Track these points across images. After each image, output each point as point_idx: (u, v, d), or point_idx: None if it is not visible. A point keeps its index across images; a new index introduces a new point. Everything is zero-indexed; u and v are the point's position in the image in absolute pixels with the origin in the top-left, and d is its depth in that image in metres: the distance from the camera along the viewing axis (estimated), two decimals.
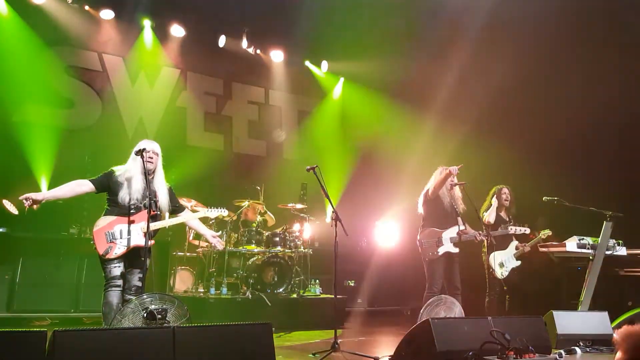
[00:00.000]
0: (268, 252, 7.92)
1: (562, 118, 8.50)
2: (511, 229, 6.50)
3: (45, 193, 4.91)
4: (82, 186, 4.90)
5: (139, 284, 4.83)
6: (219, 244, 5.47)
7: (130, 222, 4.81)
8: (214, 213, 5.35)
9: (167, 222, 5.28)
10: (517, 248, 6.86)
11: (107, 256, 4.68)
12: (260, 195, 8.65)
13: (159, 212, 5.02)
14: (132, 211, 4.85)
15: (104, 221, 4.82)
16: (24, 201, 4.58)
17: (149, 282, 4.62)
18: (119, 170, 4.96)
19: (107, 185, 4.92)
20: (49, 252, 7.41)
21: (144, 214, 4.84)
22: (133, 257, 4.85)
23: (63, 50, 8.98)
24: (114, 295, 4.69)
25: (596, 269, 6.52)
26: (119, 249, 4.74)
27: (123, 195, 4.84)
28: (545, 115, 8.88)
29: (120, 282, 4.73)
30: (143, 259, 4.65)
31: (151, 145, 5.02)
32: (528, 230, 6.63)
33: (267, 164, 10.77)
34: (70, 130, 8.66)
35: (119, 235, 4.76)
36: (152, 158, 4.96)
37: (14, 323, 6.78)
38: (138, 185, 4.88)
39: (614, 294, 7.61)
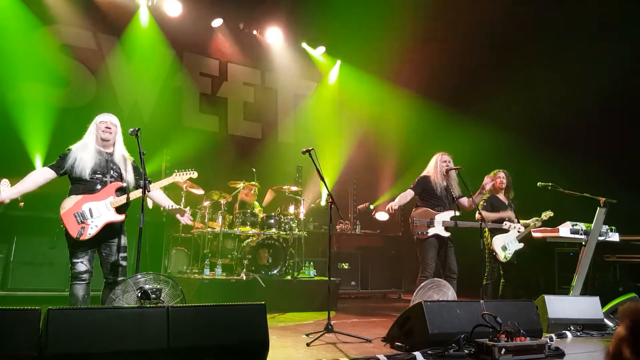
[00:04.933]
0: (263, 233, 7.94)
1: (557, 104, 8.51)
2: (506, 224, 6.50)
3: (9, 192, 4.51)
4: (44, 174, 4.66)
5: (124, 263, 4.75)
6: (187, 220, 5.17)
7: (96, 199, 4.64)
8: (183, 176, 5.08)
9: (134, 194, 4.81)
10: (519, 230, 6.87)
11: (82, 237, 4.52)
12: (255, 177, 8.65)
13: (126, 185, 4.81)
14: (97, 187, 4.68)
15: (70, 202, 4.60)
16: None
17: (143, 262, 4.56)
18: (75, 147, 4.75)
19: (67, 164, 4.67)
20: (43, 231, 7.37)
21: (110, 188, 4.71)
22: (107, 233, 4.69)
23: (58, 29, 8.90)
24: (80, 289, 4.57)
25: (588, 254, 6.57)
26: (92, 229, 4.57)
27: (82, 170, 4.62)
28: (540, 100, 8.89)
29: (86, 276, 4.59)
30: (138, 241, 4.58)
31: (109, 117, 4.83)
32: (522, 228, 6.64)
33: (263, 146, 10.77)
34: (65, 109, 8.61)
35: (88, 214, 4.58)
36: (109, 128, 4.77)
37: (7, 301, 6.79)
38: (94, 157, 4.69)
39: (605, 279, 7.71)
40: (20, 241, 7.18)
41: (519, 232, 6.82)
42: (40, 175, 4.69)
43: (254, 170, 8.65)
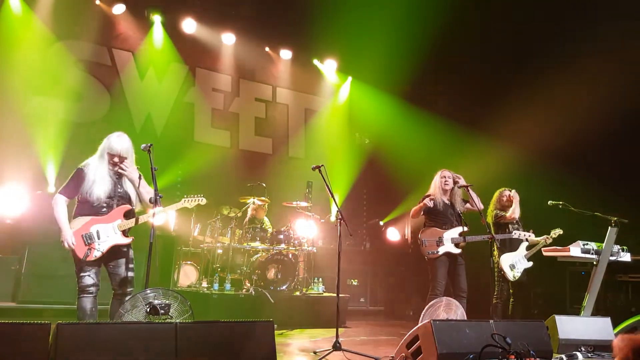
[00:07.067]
0: (272, 249, 7.95)
1: (567, 122, 8.47)
2: (515, 233, 6.49)
3: (69, 237, 4.62)
4: (66, 203, 4.73)
5: (131, 274, 4.77)
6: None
7: (104, 221, 4.70)
8: (191, 202, 5.09)
9: (146, 217, 4.85)
10: (527, 249, 6.84)
11: (88, 259, 4.57)
12: (265, 192, 8.67)
13: (134, 207, 4.86)
14: (103, 209, 4.72)
15: (78, 223, 4.66)
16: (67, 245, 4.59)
17: (153, 277, 4.58)
18: (86, 167, 4.75)
19: (80, 189, 4.70)
20: (55, 243, 7.38)
21: (118, 211, 4.75)
22: (113, 253, 4.74)
23: (73, 44, 9.03)
24: (87, 302, 4.60)
25: (600, 274, 6.49)
26: (98, 252, 4.62)
27: (96, 197, 4.67)
28: (550, 118, 8.85)
29: (93, 289, 4.62)
30: (148, 255, 4.59)
31: (119, 146, 4.74)
32: (532, 236, 6.61)
33: (273, 162, 10.82)
34: (78, 123, 8.73)
35: (96, 236, 4.64)
36: (115, 164, 4.75)
37: (18, 314, 6.83)
38: (105, 181, 4.72)
39: (617, 299, 7.61)
40: (32, 254, 7.19)
41: (527, 250, 6.79)
42: (65, 206, 4.72)
43: (264, 185, 8.68)
